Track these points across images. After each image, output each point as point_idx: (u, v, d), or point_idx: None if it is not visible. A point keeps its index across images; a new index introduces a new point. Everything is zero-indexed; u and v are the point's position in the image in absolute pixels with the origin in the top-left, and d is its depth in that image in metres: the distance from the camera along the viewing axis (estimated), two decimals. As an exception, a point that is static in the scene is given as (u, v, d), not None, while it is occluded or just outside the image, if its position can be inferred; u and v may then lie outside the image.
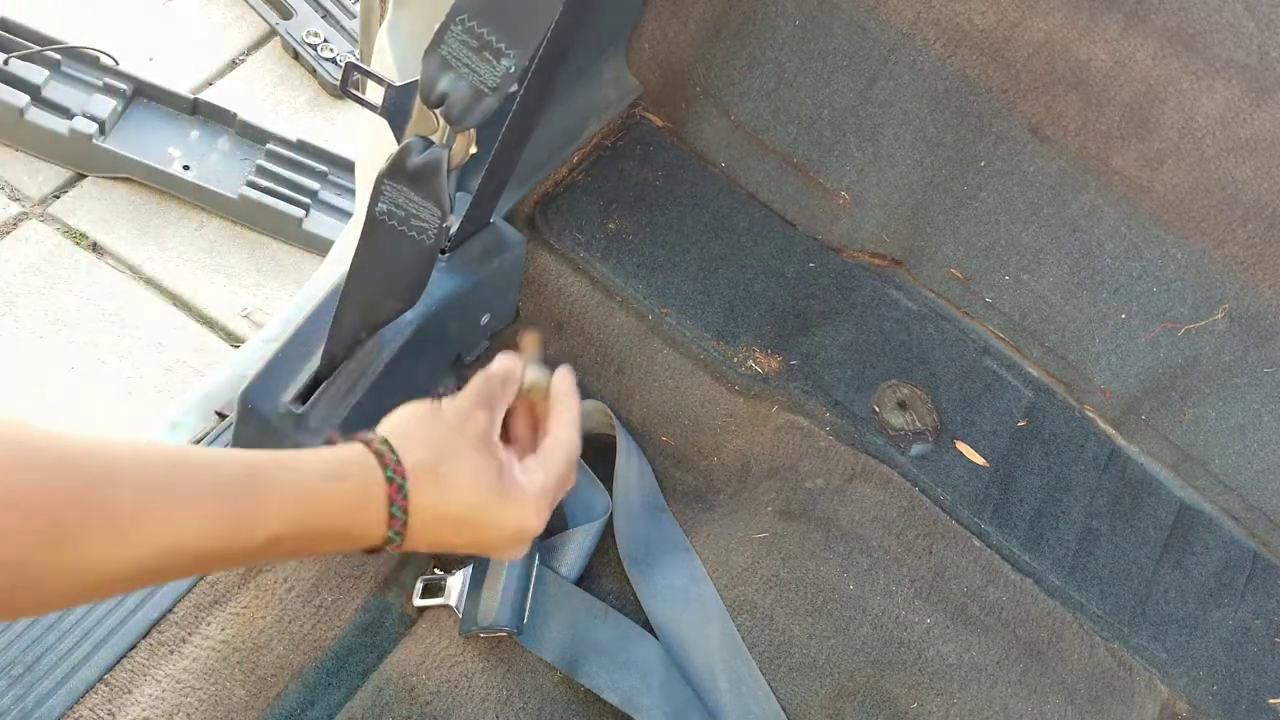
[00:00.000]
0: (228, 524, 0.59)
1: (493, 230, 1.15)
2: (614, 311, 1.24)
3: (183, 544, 0.57)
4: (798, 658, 1.05)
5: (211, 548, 0.59)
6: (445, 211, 0.90)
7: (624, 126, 1.39)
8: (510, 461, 0.72)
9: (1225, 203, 1.22)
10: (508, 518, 0.71)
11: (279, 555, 0.64)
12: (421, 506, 0.67)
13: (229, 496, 0.59)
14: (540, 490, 0.72)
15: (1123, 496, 1.27)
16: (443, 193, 0.89)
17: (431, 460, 0.68)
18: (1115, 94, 1.21)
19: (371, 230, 0.93)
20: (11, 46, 2.08)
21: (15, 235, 2.00)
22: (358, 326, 0.99)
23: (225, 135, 2.15)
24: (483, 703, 0.99)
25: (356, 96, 0.94)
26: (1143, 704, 1.13)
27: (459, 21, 0.83)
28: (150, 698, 0.97)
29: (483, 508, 0.69)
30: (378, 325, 1.00)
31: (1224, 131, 1.19)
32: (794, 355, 1.25)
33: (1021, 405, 1.30)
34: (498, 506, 0.70)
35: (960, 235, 1.33)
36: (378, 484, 0.66)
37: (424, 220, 0.91)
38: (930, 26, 1.26)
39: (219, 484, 0.59)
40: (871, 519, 1.15)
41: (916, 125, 1.30)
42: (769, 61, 1.33)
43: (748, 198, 1.37)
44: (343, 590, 1.04)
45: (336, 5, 2.43)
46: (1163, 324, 1.29)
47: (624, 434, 1.18)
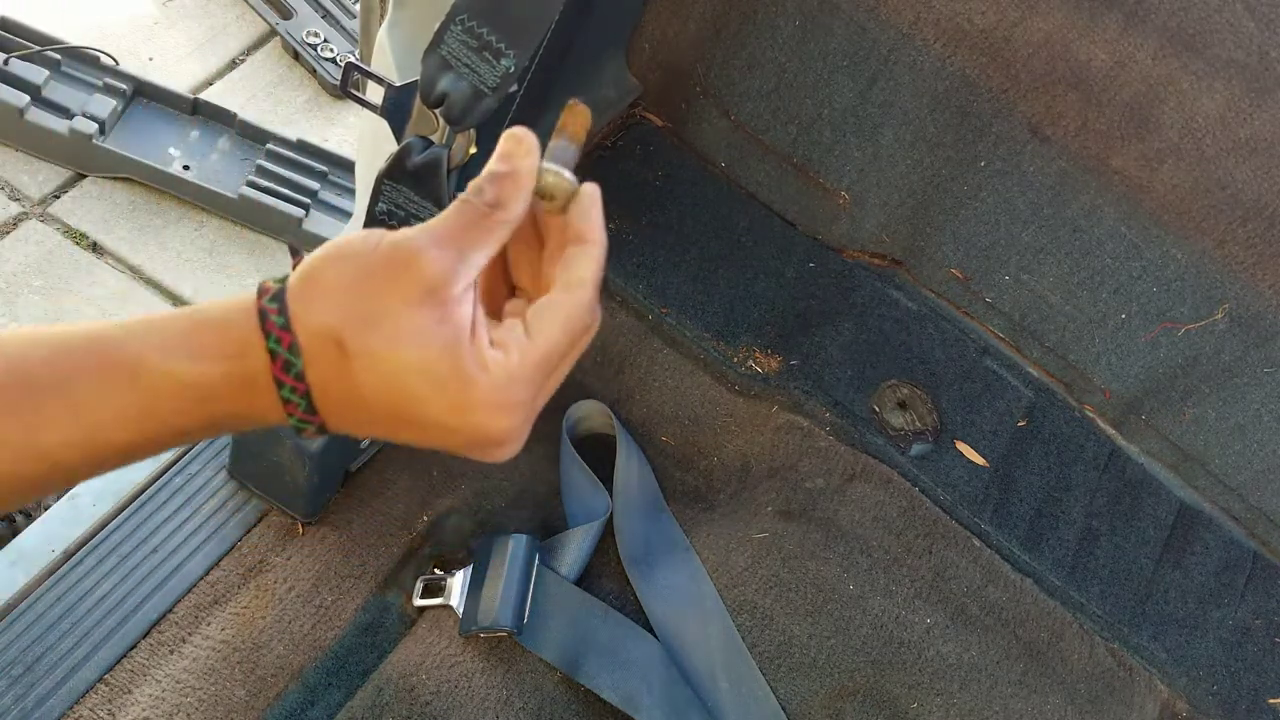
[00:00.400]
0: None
1: (493, 230, 1.15)
2: (614, 311, 1.24)
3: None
4: (798, 658, 1.05)
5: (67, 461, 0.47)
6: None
7: (624, 126, 1.39)
8: (478, 329, 0.48)
9: (1225, 203, 1.22)
10: (459, 413, 0.48)
11: (158, 449, 0.49)
12: (328, 389, 0.48)
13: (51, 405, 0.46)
14: (512, 375, 0.48)
15: (1123, 496, 1.27)
16: (443, 193, 0.89)
17: (336, 326, 0.47)
18: (1115, 94, 1.21)
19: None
20: (11, 46, 2.08)
21: (15, 235, 2.00)
22: (358, 326, 0.99)
23: (225, 135, 2.15)
24: (483, 703, 0.99)
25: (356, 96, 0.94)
26: (1143, 704, 1.13)
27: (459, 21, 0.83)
28: (150, 698, 0.96)
29: (418, 400, 0.47)
30: (378, 325, 1.00)
31: (1224, 131, 1.19)
32: (794, 355, 1.25)
33: (1021, 405, 1.29)
34: (443, 399, 0.47)
35: (960, 235, 1.33)
36: (260, 358, 0.47)
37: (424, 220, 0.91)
38: (930, 26, 1.26)
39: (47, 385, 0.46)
40: (871, 519, 1.15)
41: (916, 125, 1.30)
42: (769, 61, 1.33)
43: (748, 198, 1.37)
44: (343, 590, 1.04)
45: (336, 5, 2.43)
46: (1163, 324, 1.29)
47: (624, 434, 1.18)
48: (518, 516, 1.12)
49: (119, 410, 0.47)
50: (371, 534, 1.08)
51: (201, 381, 0.47)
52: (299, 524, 1.07)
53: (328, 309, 0.47)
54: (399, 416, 0.48)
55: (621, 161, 1.35)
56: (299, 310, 0.47)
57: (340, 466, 1.08)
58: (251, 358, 0.47)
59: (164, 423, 0.48)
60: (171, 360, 0.47)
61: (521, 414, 0.49)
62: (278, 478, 1.04)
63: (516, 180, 0.50)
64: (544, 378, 0.50)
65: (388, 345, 0.46)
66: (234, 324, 0.48)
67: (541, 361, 0.49)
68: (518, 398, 0.49)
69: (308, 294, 0.48)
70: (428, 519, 1.10)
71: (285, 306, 0.47)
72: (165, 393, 0.47)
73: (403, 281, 0.47)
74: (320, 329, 0.47)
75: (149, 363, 0.47)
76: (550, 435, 1.18)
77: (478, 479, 1.13)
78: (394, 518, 1.09)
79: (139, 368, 0.47)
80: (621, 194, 1.32)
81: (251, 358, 0.47)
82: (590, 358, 1.25)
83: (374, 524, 1.08)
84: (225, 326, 0.48)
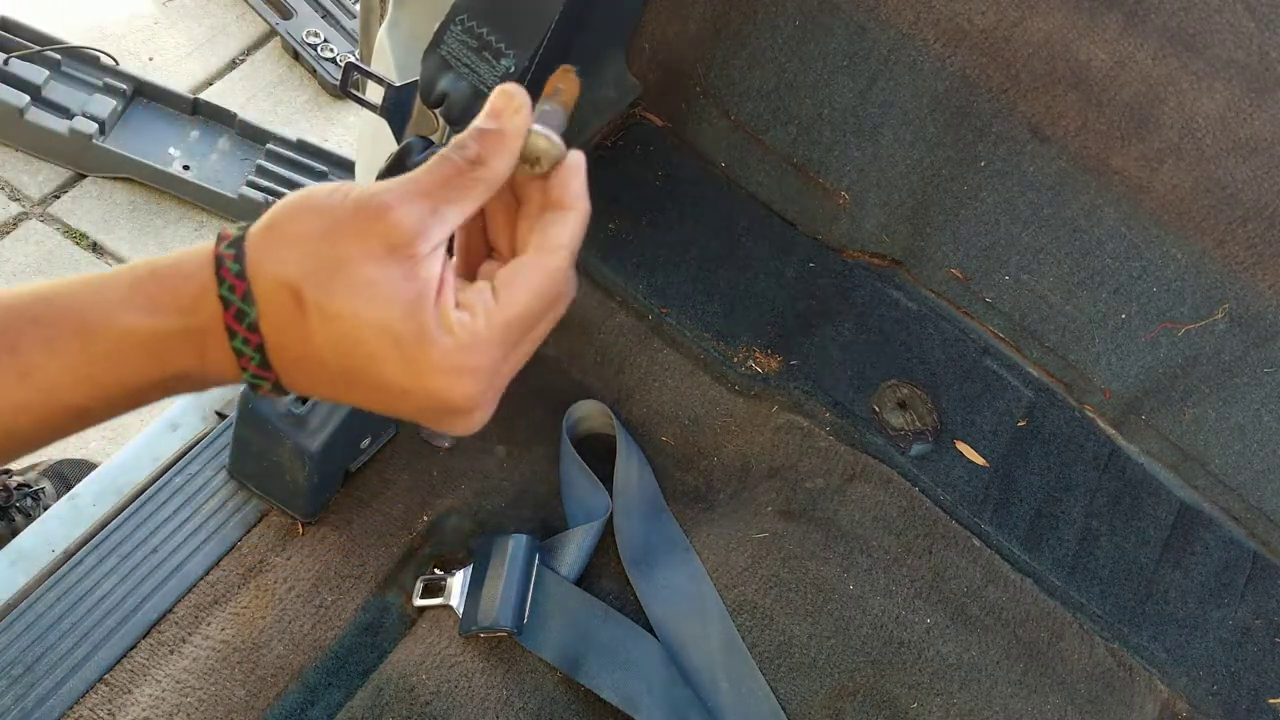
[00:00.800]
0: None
1: (493, 230, 1.16)
2: (614, 311, 1.24)
3: None
4: (798, 658, 1.05)
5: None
6: (445, 211, 0.90)
7: (624, 126, 1.39)
8: (446, 288, 0.46)
9: (1225, 203, 1.22)
10: (415, 378, 0.45)
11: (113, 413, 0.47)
12: (283, 343, 0.45)
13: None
14: (477, 337, 0.46)
15: (1123, 496, 1.27)
16: (443, 193, 0.89)
17: (294, 278, 0.44)
18: (1115, 94, 1.21)
19: (371, 230, 0.93)
20: (11, 46, 2.08)
21: (15, 235, 2.00)
22: (358, 326, 0.99)
23: (225, 135, 2.15)
24: (483, 703, 0.99)
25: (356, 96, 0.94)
26: (1143, 704, 1.13)
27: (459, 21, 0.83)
28: (150, 698, 0.97)
29: (373, 360, 0.45)
30: (378, 325, 1.00)
31: (1224, 131, 1.19)
32: (794, 355, 1.25)
33: (1021, 405, 1.29)
34: (400, 359, 0.45)
35: (960, 235, 1.33)
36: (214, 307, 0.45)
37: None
38: (930, 26, 1.26)
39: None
40: (871, 519, 1.15)
41: (916, 125, 1.30)
42: (769, 61, 1.33)
43: (748, 198, 1.37)
44: (343, 590, 1.04)
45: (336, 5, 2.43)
46: (1163, 324, 1.29)
47: (624, 434, 1.18)
48: (518, 516, 1.12)
49: (69, 369, 0.44)
50: (371, 534, 1.08)
51: (153, 335, 0.45)
52: (299, 524, 1.07)
53: (287, 258, 0.44)
54: (353, 375, 0.46)
55: (621, 161, 1.35)
56: (257, 258, 0.44)
57: (340, 466, 1.08)
58: (205, 308, 0.45)
59: (117, 381, 0.46)
60: (121, 314, 0.45)
61: (483, 381, 0.47)
62: (278, 478, 1.04)
63: (503, 139, 0.48)
64: (510, 345, 0.47)
65: (346, 299, 0.44)
66: (188, 273, 0.45)
67: (508, 326, 0.47)
68: (479, 363, 0.46)
69: (268, 242, 0.45)
70: (428, 519, 1.10)
71: (243, 254, 0.45)
72: (116, 349, 0.45)
73: (369, 235, 0.44)
74: (277, 278, 0.44)
75: (98, 318, 0.44)
76: (550, 435, 1.18)
77: (478, 479, 1.13)
78: (394, 518, 1.09)
79: (88, 324, 0.44)
80: (621, 194, 1.32)
81: (205, 308, 0.45)
82: (590, 358, 1.25)
83: (374, 524, 1.08)
84: (178, 276, 0.45)
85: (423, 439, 1.14)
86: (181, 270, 0.45)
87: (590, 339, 1.25)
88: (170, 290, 0.45)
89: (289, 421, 1.01)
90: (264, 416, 1.01)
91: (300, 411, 1.01)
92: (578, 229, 0.49)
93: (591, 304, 1.24)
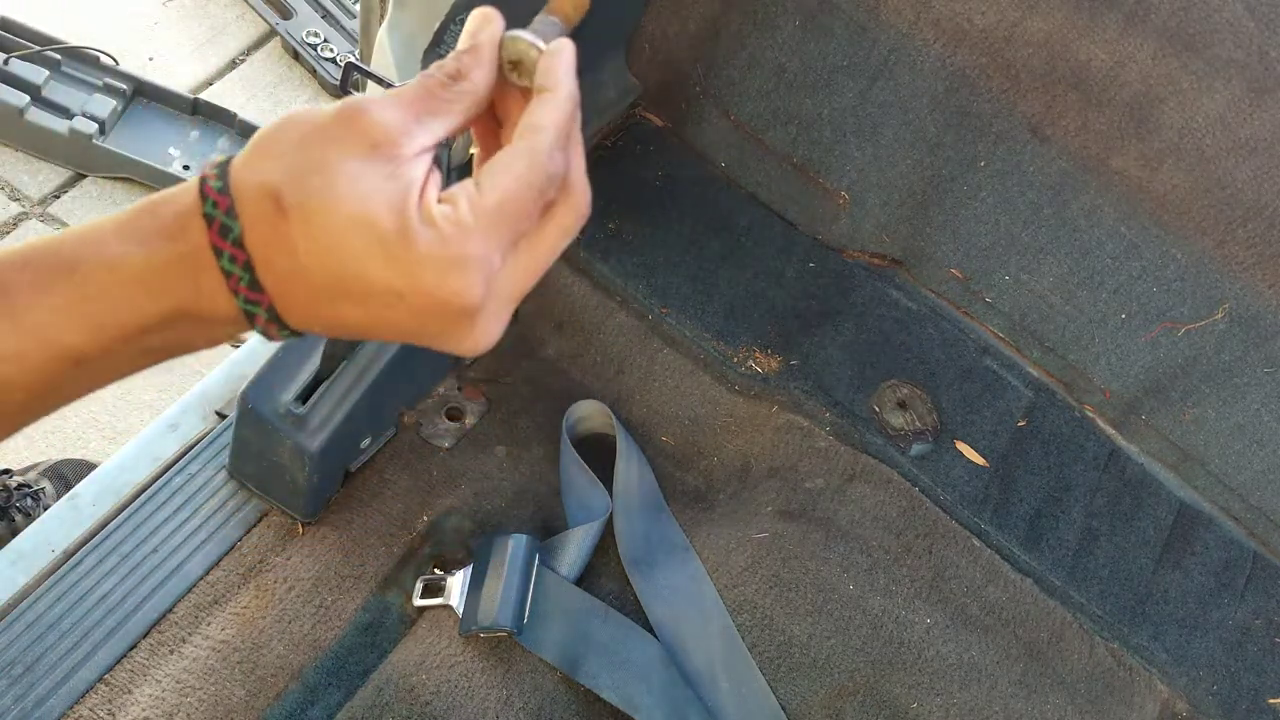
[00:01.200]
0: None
1: (493, 230, 1.15)
2: (614, 311, 1.24)
3: None
4: (798, 658, 1.05)
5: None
6: (445, 211, 0.90)
7: (624, 126, 1.39)
8: (430, 187, 0.45)
9: (1225, 203, 1.22)
10: (404, 276, 0.43)
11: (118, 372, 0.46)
12: (269, 257, 0.43)
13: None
14: (461, 224, 0.44)
15: (1123, 496, 1.27)
16: (443, 193, 0.89)
17: (275, 181, 0.43)
18: (1115, 94, 1.21)
19: (371, 230, 0.93)
20: (11, 46, 2.08)
21: (15, 235, 2.00)
22: (358, 326, 0.99)
23: (225, 135, 2.15)
24: (483, 703, 0.99)
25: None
26: (1143, 704, 1.13)
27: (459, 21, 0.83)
28: (150, 698, 0.96)
29: (356, 257, 0.43)
30: (378, 325, 1.00)
31: (1224, 131, 1.19)
32: (794, 355, 1.25)
33: (1021, 405, 1.29)
34: (383, 255, 0.43)
35: (960, 235, 1.33)
36: (200, 229, 0.43)
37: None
38: (930, 26, 1.26)
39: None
40: (871, 519, 1.15)
41: (916, 125, 1.30)
42: (769, 61, 1.33)
43: (748, 198, 1.37)
44: (343, 590, 1.04)
45: (336, 5, 2.43)
46: (1163, 324, 1.29)
47: (624, 434, 1.18)
48: (518, 516, 1.12)
49: (61, 309, 0.43)
50: (371, 534, 1.08)
51: (145, 266, 0.43)
52: (299, 524, 1.07)
53: (268, 167, 0.43)
54: (341, 284, 0.44)
55: (621, 161, 1.35)
56: (240, 173, 0.43)
57: (340, 466, 1.08)
58: (192, 231, 0.43)
59: (113, 319, 0.44)
60: (109, 247, 0.43)
61: (475, 274, 0.44)
62: (278, 478, 1.04)
63: (478, 51, 0.48)
64: (501, 236, 0.45)
65: (326, 195, 0.42)
66: (174, 200, 0.44)
67: (495, 211, 0.44)
68: (469, 251, 0.44)
69: (251, 156, 0.44)
70: (428, 519, 1.10)
71: (226, 172, 0.44)
72: (108, 283, 0.43)
73: (349, 135, 0.43)
74: (258, 186, 0.43)
75: (86, 254, 0.43)
76: (550, 435, 1.18)
77: (478, 479, 1.13)
78: (394, 518, 1.09)
79: (76, 261, 0.43)
80: (621, 194, 1.32)
81: (192, 231, 0.43)
82: (590, 358, 1.25)
83: (374, 524, 1.08)
84: (165, 205, 0.44)
85: (423, 439, 1.14)
86: (170, 199, 0.45)
87: (590, 339, 1.25)
88: (159, 219, 0.44)
89: (289, 421, 1.01)
90: (264, 416, 1.01)
91: (300, 411, 1.01)
92: (561, 110, 0.47)
93: (591, 304, 1.24)
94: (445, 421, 1.16)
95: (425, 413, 1.16)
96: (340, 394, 1.02)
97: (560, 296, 1.25)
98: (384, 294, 0.43)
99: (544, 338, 1.26)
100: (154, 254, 0.44)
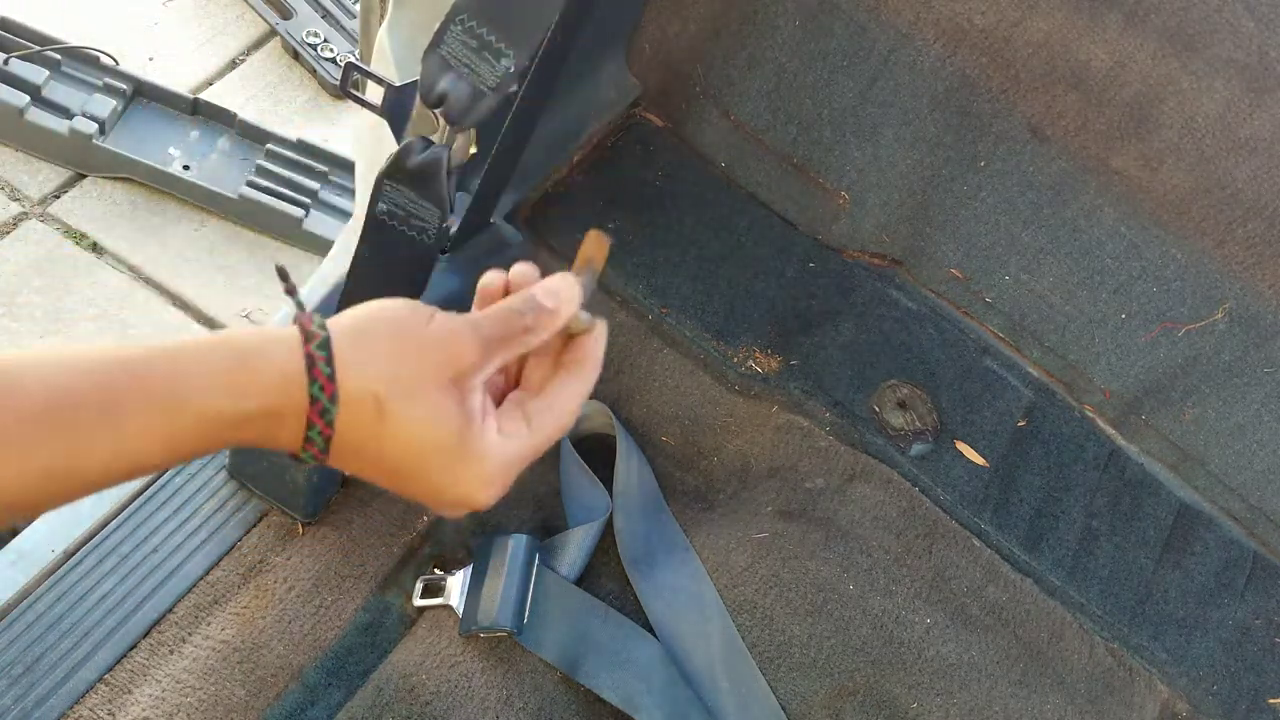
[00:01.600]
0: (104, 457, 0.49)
1: (493, 230, 1.15)
2: (614, 311, 1.24)
3: (65, 466, 0.48)
4: (798, 658, 1.05)
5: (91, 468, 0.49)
6: (445, 211, 0.90)
7: (624, 126, 1.39)
8: (487, 418, 0.57)
9: (1225, 203, 1.22)
10: (454, 485, 0.56)
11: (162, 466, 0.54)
12: (349, 440, 0.54)
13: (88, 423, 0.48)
14: (506, 464, 0.57)
15: (1123, 496, 1.27)
16: (443, 193, 0.89)
17: (381, 391, 0.53)
18: (1115, 94, 1.21)
19: (372, 230, 0.93)
20: (11, 46, 2.08)
21: (15, 235, 2.00)
22: (358, 326, 0.99)
23: (225, 135, 2.15)
24: (483, 703, 0.99)
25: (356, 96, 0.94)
26: (1143, 704, 1.13)
27: (459, 21, 0.83)
28: (150, 698, 0.97)
29: (424, 468, 0.55)
30: (378, 325, 1.00)
31: (1224, 131, 1.19)
32: (794, 355, 1.25)
33: (1021, 405, 1.29)
34: (444, 471, 0.55)
35: (960, 235, 1.33)
36: (299, 397, 0.52)
37: (424, 220, 0.91)
38: (930, 26, 1.26)
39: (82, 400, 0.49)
40: (871, 519, 1.15)
41: (916, 125, 1.30)
42: (769, 61, 1.33)
43: (748, 198, 1.37)
44: (343, 590, 1.04)
45: (336, 5, 2.43)
46: (1163, 324, 1.29)
47: (624, 434, 1.18)
48: (518, 516, 1.12)
49: (160, 439, 0.50)
50: (371, 534, 1.08)
51: (236, 415, 0.52)
52: (299, 524, 1.07)
53: (374, 372, 0.53)
54: (403, 473, 0.56)
55: (621, 161, 1.35)
56: (345, 362, 0.53)
57: (340, 466, 1.08)
58: (290, 397, 0.52)
59: (192, 450, 0.52)
60: (213, 397, 0.51)
61: (500, 489, 0.58)
62: (278, 478, 1.04)
63: (556, 320, 0.59)
64: (527, 462, 0.59)
65: (413, 412, 0.54)
66: (276, 364, 0.52)
67: (533, 452, 0.58)
68: (506, 479, 0.57)
69: (356, 349, 0.53)
70: (428, 519, 1.10)
71: (332, 357, 0.53)
72: (204, 424, 0.51)
73: (443, 364, 0.54)
74: (364, 390, 0.53)
75: (193, 398, 0.51)
76: (550, 435, 1.18)
77: (478, 479, 1.13)
78: (394, 518, 1.09)
79: (184, 402, 0.51)
80: (621, 194, 1.32)
81: (290, 397, 0.52)
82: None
83: (374, 524, 1.08)
84: (266, 365, 0.52)
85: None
86: (269, 359, 0.52)
87: (590, 339, 1.25)
88: (258, 379, 0.52)
89: (289, 421, 1.01)
90: (264, 416, 1.01)
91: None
92: (588, 387, 0.62)
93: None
94: (445, 421, 1.16)
95: (425, 413, 1.16)
96: (340, 394, 1.02)
97: (560, 296, 1.25)
98: (432, 489, 0.56)
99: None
100: (249, 406, 0.52)
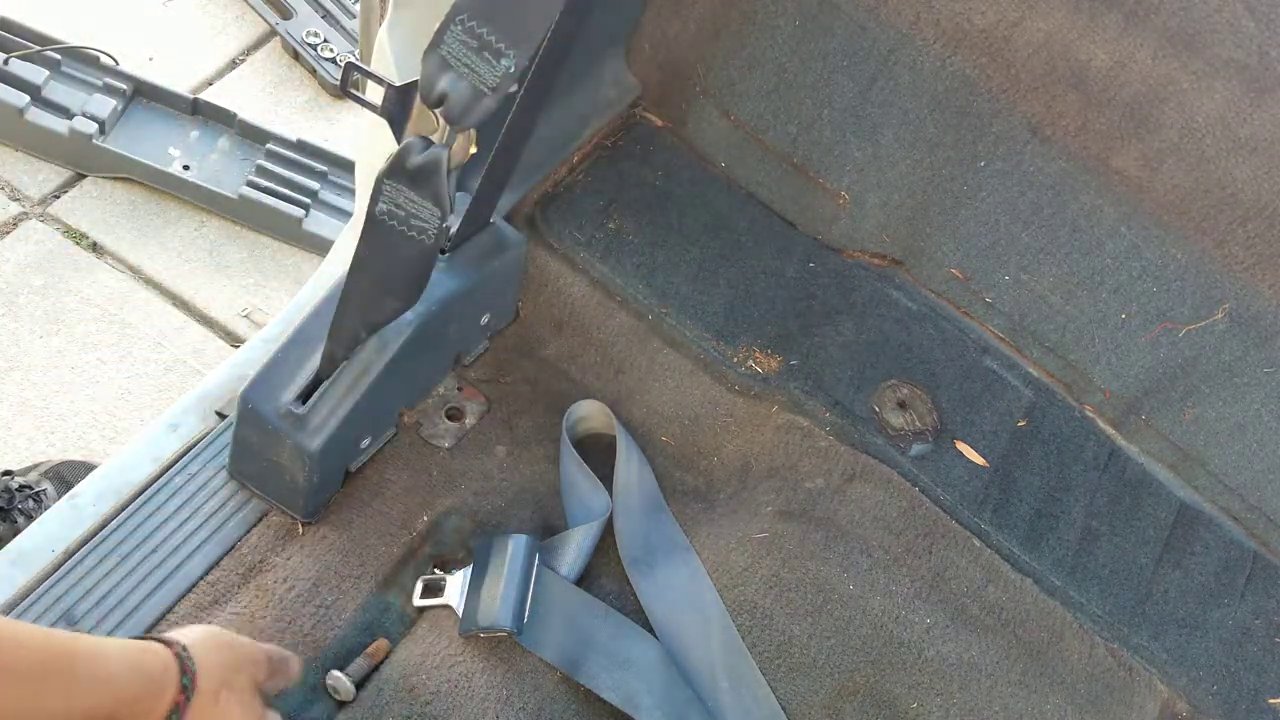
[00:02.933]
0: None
1: (493, 230, 1.15)
2: (614, 311, 1.24)
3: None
4: (798, 658, 1.05)
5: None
6: (445, 211, 0.90)
7: (624, 126, 1.39)
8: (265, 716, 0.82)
9: (1225, 203, 1.22)
10: None
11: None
12: (201, 708, 0.76)
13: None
14: None
15: (1123, 496, 1.27)
16: (443, 192, 0.89)
17: (217, 686, 0.77)
18: (1115, 94, 1.22)
19: (371, 230, 0.93)
20: (11, 46, 2.08)
21: (15, 235, 2.00)
22: (358, 326, 0.99)
23: (225, 135, 2.15)
24: (483, 703, 0.99)
25: (356, 96, 0.94)
26: (1143, 704, 1.13)
27: (459, 21, 0.83)
28: (150, 698, 0.96)
29: None
30: (378, 325, 1.00)
31: (1224, 131, 1.19)
32: (794, 355, 1.25)
33: (1021, 405, 1.30)
34: None
35: (960, 235, 1.33)
36: (171, 687, 0.74)
37: (424, 220, 0.91)
38: (930, 26, 1.26)
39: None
40: (871, 519, 1.15)
41: (916, 125, 1.30)
42: (769, 61, 1.33)
43: (748, 198, 1.37)
44: (343, 590, 1.04)
45: (336, 5, 2.43)
46: (1163, 324, 1.29)
47: (624, 434, 1.18)
48: (518, 516, 1.12)
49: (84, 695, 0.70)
50: (371, 534, 1.08)
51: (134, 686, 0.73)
52: (299, 524, 1.07)
53: (216, 674, 0.78)
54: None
55: (621, 161, 1.35)
56: (205, 670, 0.77)
57: (340, 466, 1.08)
58: (168, 685, 0.75)
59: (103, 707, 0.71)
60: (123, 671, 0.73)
61: None
62: (278, 478, 1.04)
63: (290, 674, 0.88)
64: None
65: (235, 708, 0.79)
66: (157, 662, 0.75)
67: None
68: None
69: (204, 659, 0.77)
70: (428, 519, 1.10)
71: (193, 662, 0.76)
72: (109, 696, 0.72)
73: (253, 673, 0.82)
74: (211, 682, 0.77)
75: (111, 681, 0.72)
76: (550, 435, 1.18)
77: (478, 479, 1.13)
78: (394, 518, 1.09)
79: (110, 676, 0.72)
80: (621, 194, 1.32)
81: (168, 685, 0.75)
82: (590, 358, 1.25)
83: (374, 524, 1.08)
84: (150, 661, 0.75)
85: (423, 439, 1.14)
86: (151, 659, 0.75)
87: (590, 339, 1.25)
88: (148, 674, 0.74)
89: (289, 421, 1.01)
90: (264, 416, 1.01)
91: (300, 411, 1.01)
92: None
93: (591, 304, 1.24)
94: (445, 421, 1.16)
95: (425, 413, 1.16)
96: (340, 394, 1.02)
97: (560, 296, 1.25)
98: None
99: (544, 338, 1.26)
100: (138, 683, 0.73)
